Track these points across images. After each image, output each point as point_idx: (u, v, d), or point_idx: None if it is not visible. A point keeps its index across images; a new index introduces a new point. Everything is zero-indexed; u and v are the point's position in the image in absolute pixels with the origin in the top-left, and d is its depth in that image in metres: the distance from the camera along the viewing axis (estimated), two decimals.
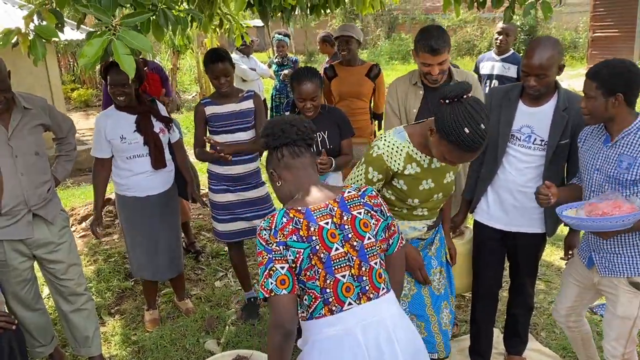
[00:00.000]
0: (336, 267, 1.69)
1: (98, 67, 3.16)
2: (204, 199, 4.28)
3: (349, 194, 1.80)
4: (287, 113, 3.30)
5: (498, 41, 5.01)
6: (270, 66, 7.01)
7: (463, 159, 1.96)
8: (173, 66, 12.96)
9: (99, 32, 1.87)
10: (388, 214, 1.85)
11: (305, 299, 1.72)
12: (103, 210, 5.46)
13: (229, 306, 3.85)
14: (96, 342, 3.09)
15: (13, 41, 2.36)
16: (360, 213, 1.76)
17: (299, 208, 1.72)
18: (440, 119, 1.89)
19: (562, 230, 2.82)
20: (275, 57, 7.05)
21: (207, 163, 3.54)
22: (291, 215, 1.70)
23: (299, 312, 1.76)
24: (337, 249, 1.70)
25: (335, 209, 1.74)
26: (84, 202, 6.07)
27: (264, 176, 3.72)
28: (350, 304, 1.70)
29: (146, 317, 3.67)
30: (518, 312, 2.91)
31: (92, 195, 6.24)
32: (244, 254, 3.78)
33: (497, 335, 3.22)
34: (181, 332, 3.51)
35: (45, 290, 3.57)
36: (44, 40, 2.26)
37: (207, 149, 3.42)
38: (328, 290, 1.69)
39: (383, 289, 1.76)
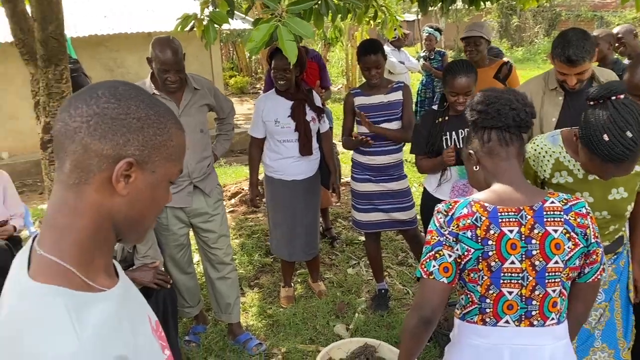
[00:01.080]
0: (505, 281, 1.51)
1: (255, 55, 3.36)
2: (342, 189, 4.35)
3: (552, 204, 1.52)
4: (435, 107, 3.22)
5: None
6: (418, 60, 6.95)
7: (607, 172, 1.72)
8: (323, 58, 13.33)
9: (266, 19, 1.99)
10: (593, 240, 1.53)
11: (462, 298, 1.61)
12: None
13: (360, 294, 3.91)
14: (236, 310, 3.32)
15: (189, 26, 2.60)
16: (556, 231, 1.49)
17: (486, 204, 1.51)
18: (582, 123, 1.70)
19: None
20: (423, 51, 6.97)
21: (351, 153, 3.61)
22: (474, 208, 1.50)
23: (456, 308, 1.66)
24: (513, 262, 1.49)
25: (528, 217, 1.49)
26: (234, 181, 6.52)
27: (407, 169, 3.70)
28: (507, 322, 1.53)
29: (282, 293, 3.85)
30: None
31: (242, 175, 6.73)
32: (380, 246, 3.80)
33: None
34: (312, 312, 3.64)
35: (196, 257, 3.90)
36: (216, 26, 2.46)
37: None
38: (488, 301, 1.53)
39: (553, 319, 1.54)
